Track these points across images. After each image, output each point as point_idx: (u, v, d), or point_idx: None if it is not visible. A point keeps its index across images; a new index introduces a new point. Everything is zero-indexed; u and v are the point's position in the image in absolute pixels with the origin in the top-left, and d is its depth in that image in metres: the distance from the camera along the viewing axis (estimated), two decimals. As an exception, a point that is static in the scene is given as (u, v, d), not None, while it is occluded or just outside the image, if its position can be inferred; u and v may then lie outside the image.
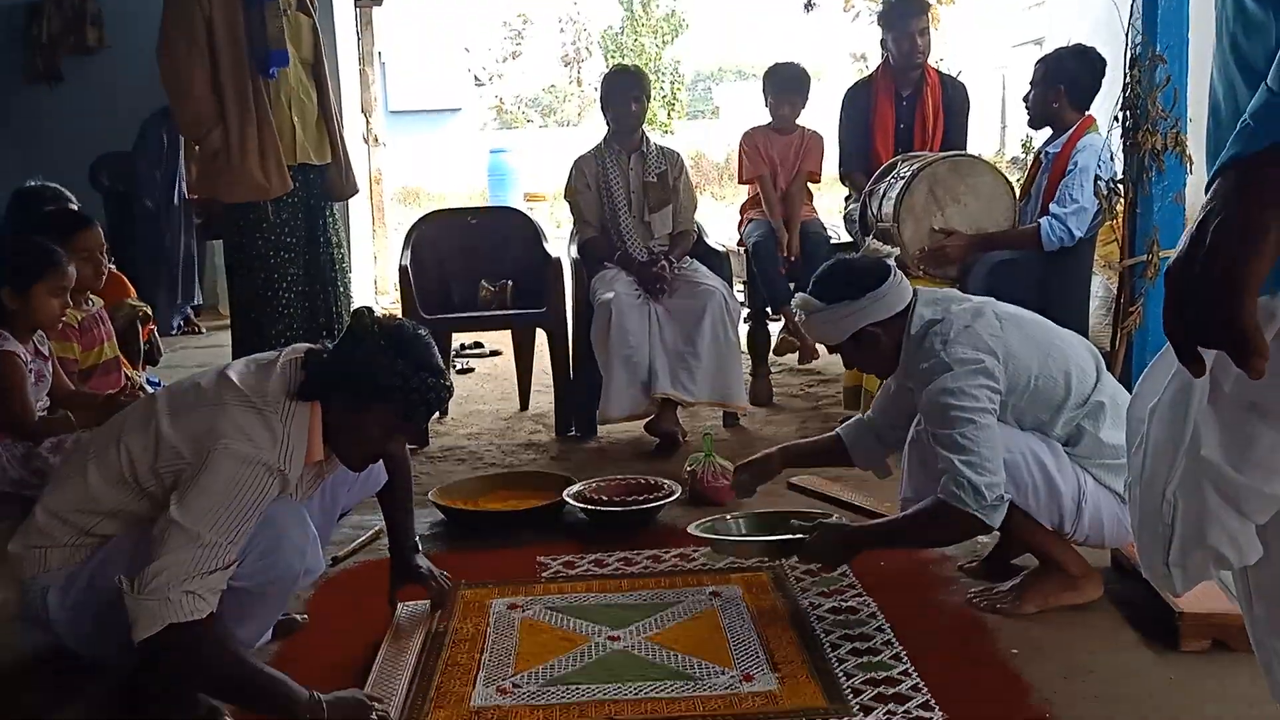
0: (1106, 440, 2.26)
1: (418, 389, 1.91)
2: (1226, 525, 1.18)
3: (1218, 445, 1.16)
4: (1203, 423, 1.18)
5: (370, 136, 7.26)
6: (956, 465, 2.14)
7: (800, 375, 4.78)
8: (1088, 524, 2.27)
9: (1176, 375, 1.20)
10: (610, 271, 3.92)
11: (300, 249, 3.40)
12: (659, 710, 1.95)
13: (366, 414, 1.94)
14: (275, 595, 1.96)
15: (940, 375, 2.20)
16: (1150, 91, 3.15)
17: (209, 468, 1.80)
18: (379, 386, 1.90)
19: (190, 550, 1.74)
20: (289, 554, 1.91)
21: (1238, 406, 1.16)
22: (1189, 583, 1.24)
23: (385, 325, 1.94)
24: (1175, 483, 1.20)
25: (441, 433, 4.13)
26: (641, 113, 4.03)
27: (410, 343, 1.93)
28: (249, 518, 1.81)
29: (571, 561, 2.72)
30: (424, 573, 2.36)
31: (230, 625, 1.85)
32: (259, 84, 3.27)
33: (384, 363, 1.89)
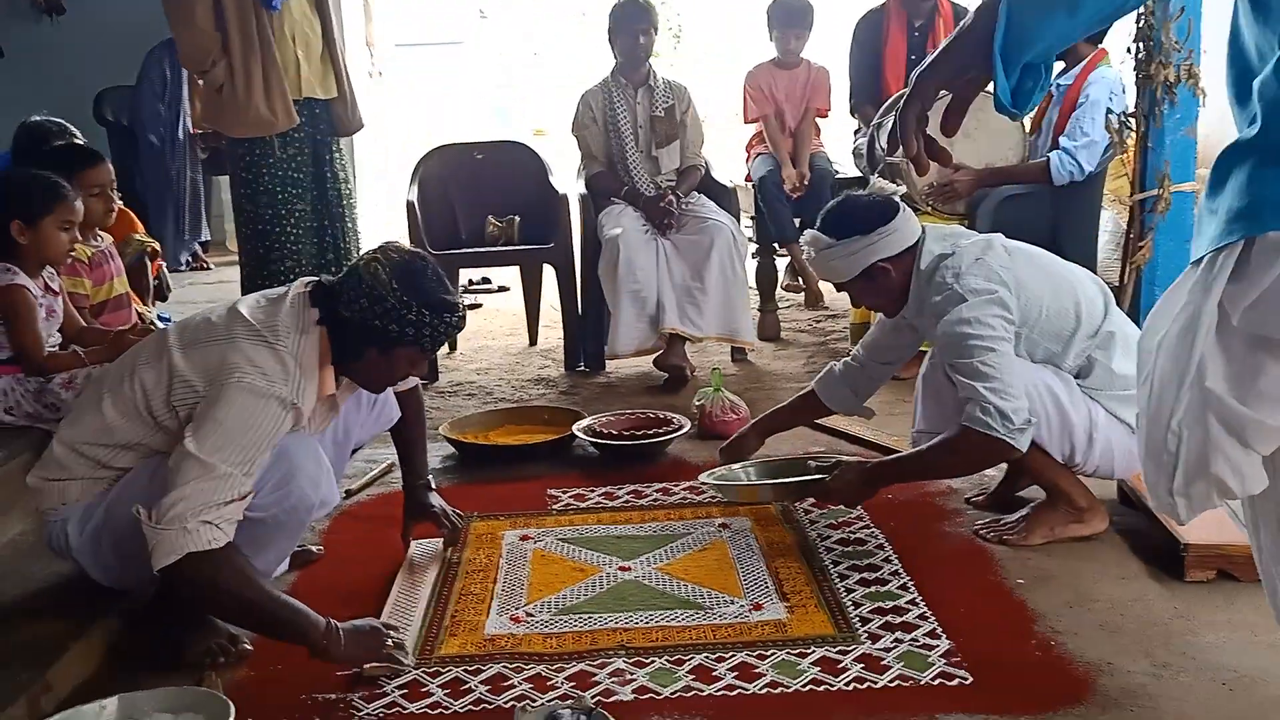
0: (1118, 371, 2.27)
1: (439, 327, 1.94)
2: (1230, 456, 1.20)
3: (1223, 377, 1.18)
4: (1209, 354, 1.19)
5: (375, 70, 7.17)
6: (981, 391, 2.13)
7: (807, 311, 4.78)
8: (1099, 455, 2.28)
9: (1185, 308, 1.20)
10: (618, 207, 3.90)
11: (307, 184, 3.39)
12: (670, 638, 1.99)
13: (389, 356, 1.96)
14: (291, 526, 1.99)
15: (955, 306, 2.20)
16: (1164, 23, 3.10)
17: (223, 400, 1.82)
18: (403, 334, 1.91)
19: (206, 481, 1.76)
20: (303, 485, 1.94)
21: (1245, 339, 1.17)
22: (1193, 511, 1.26)
23: (398, 271, 1.91)
24: (1180, 414, 1.21)
25: (451, 368, 4.15)
26: (650, 45, 3.97)
27: (425, 283, 1.92)
28: (263, 450, 1.83)
29: (582, 494, 2.75)
30: (436, 511, 2.39)
31: (248, 555, 1.88)
32: (262, 17, 3.22)
33: (406, 315, 1.89)
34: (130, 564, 1.91)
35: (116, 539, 1.93)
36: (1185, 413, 1.20)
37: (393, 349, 1.95)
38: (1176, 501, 1.25)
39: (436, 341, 1.97)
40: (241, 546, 1.84)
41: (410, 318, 1.90)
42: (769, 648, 1.94)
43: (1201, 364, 1.19)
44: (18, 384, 2.52)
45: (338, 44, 3.48)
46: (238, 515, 1.80)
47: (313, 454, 1.98)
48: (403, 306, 1.89)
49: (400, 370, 2.04)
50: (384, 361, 1.98)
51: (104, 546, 1.97)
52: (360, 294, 1.91)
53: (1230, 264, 1.15)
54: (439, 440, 3.09)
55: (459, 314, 1.98)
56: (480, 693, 1.84)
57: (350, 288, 1.93)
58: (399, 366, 2.01)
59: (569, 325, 4.03)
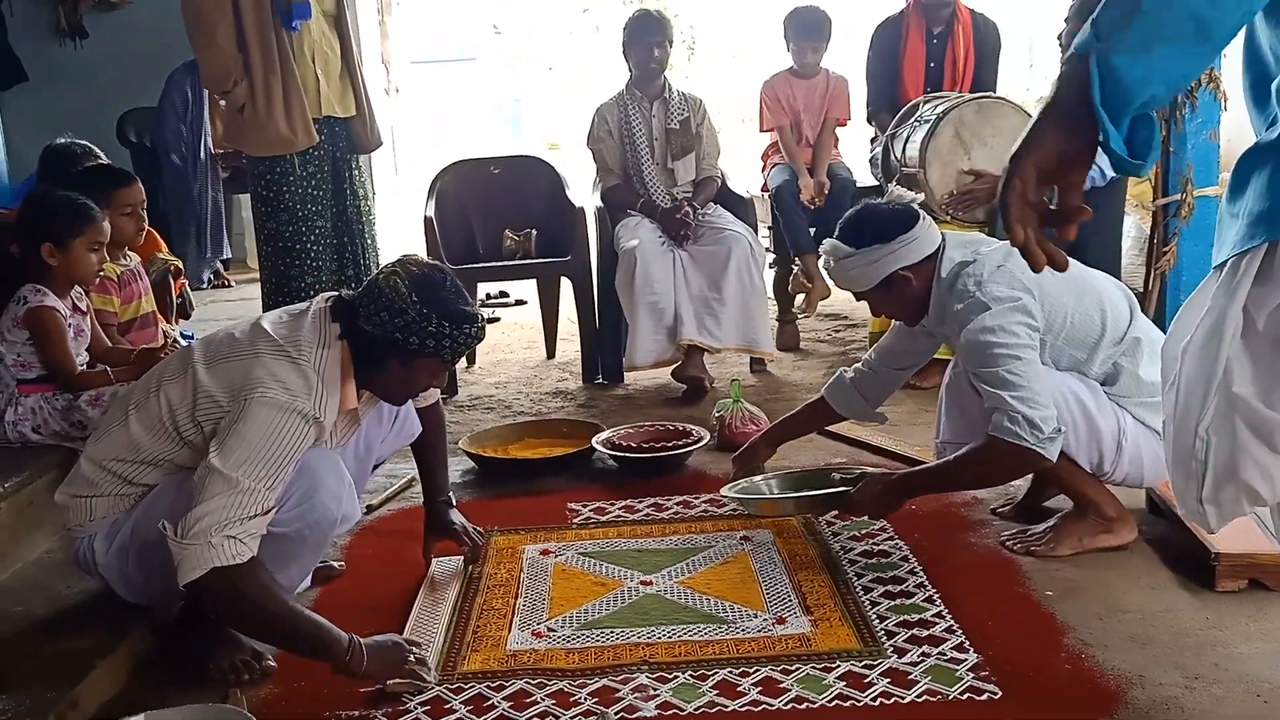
0: (1145, 378, 2.24)
1: (461, 340, 1.95)
2: (1259, 460, 1.18)
3: (1250, 380, 1.16)
4: (1235, 358, 1.18)
5: (391, 87, 7.22)
6: (1008, 401, 2.11)
7: (827, 320, 4.76)
8: (1128, 463, 2.26)
9: (1209, 312, 1.19)
10: (634, 219, 3.91)
11: (327, 201, 3.41)
12: (693, 653, 1.98)
13: (409, 368, 1.98)
14: (313, 541, 1.99)
15: (979, 314, 2.18)
16: (1187, 25, 3.07)
17: (246, 415, 1.83)
18: (423, 346, 1.93)
19: (230, 496, 1.77)
20: (326, 500, 1.94)
21: (1271, 342, 1.15)
22: (1223, 519, 1.25)
23: (418, 285, 1.93)
24: (1208, 420, 1.20)
25: (470, 382, 4.15)
26: (664, 58, 3.98)
27: (445, 297, 1.94)
28: (286, 464, 1.84)
29: (602, 508, 2.74)
30: (457, 528, 2.39)
31: (272, 571, 1.89)
32: (282, 37, 3.25)
33: (426, 327, 1.91)
34: (156, 579, 1.92)
35: (142, 555, 1.94)
36: (1213, 418, 1.19)
37: (413, 360, 1.96)
38: (1206, 509, 1.24)
39: (456, 352, 1.98)
40: (265, 562, 1.84)
41: (430, 329, 1.91)
42: (794, 662, 1.92)
43: (1228, 369, 1.18)
44: (45, 402, 2.54)
45: (356, 63, 3.50)
46: (261, 530, 1.81)
47: (335, 469, 1.98)
48: (422, 319, 1.90)
49: (421, 382, 2.04)
50: (405, 373, 1.99)
51: (130, 562, 1.98)
52: (380, 307, 1.92)
53: (1254, 268, 1.14)
54: (458, 455, 3.09)
55: (478, 325, 1.99)
56: (503, 709, 1.83)
57: (370, 301, 1.94)
58: (420, 378, 2.02)
59: (587, 338, 4.04)
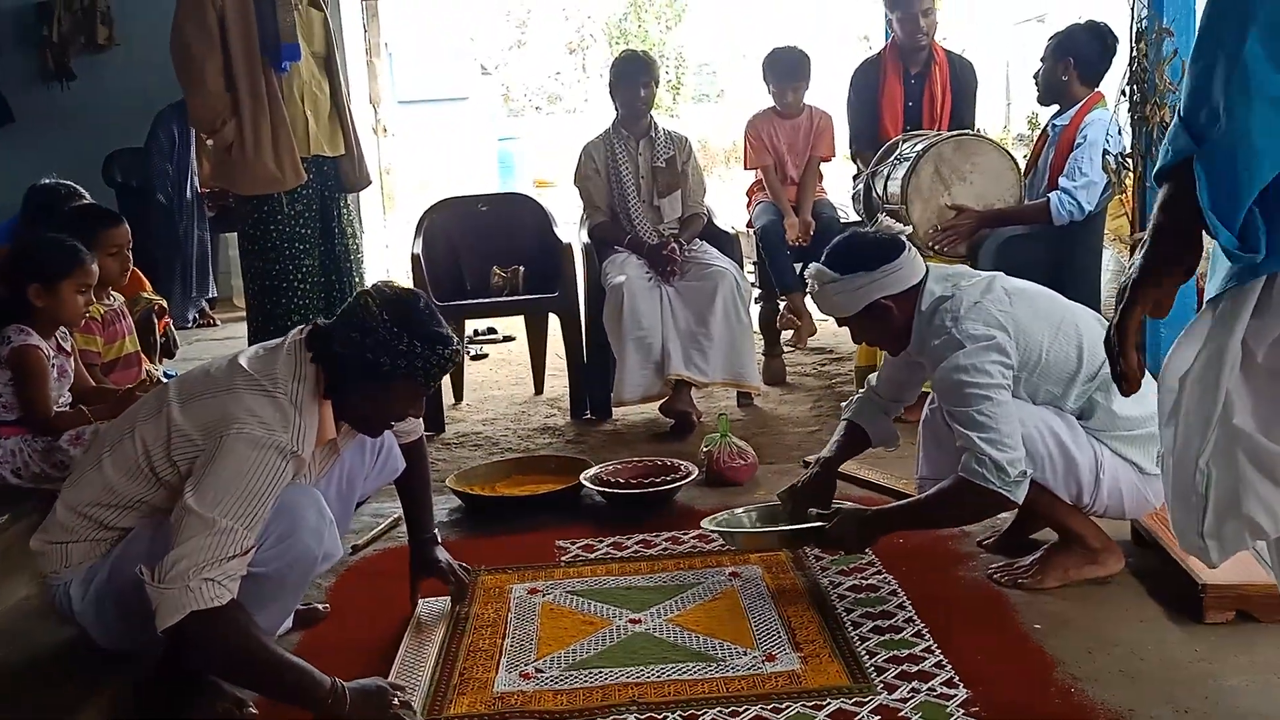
0: (1120, 412, 2.25)
1: (433, 360, 1.93)
2: (1261, 494, 1.18)
3: (1250, 413, 1.16)
4: (1234, 391, 1.18)
5: (379, 127, 7.26)
6: (976, 442, 2.13)
7: (813, 354, 4.77)
8: (1106, 495, 2.26)
9: (1207, 345, 1.19)
10: (621, 255, 3.93)
11: (315, 240, 3.42)
12: (682, 692, 1.96)
13: (385, 391, 1.96)
14: (294, 580, 1.96)
15: (953, 352, 2.20)
16: (1157, 65, 3.13)
17: (222, 453, 1.81)
18: (395, 368, 1.91)
19: (207, 537, 1.74)
20: (306, 538, 1.91)
21: (1270, 374, 1.15)
22: (1224, 553, 1.24)
23: (390, 304, 1.93)
24: (1208, 453, 1.20)
25: (457, 419, 4.14)
26: (651, 97, 4.02)
27: (416, 317, 1.93)
28: (264, 502, 1.81)
29: (590, 545, 2.73)
30: (443, 566, 2.36)
31: (252, 612, 1.86)
32: (271, 77, 3.28)
33: (398, 346, 1.90)
34: (133, 625, 1.89)
35: (119, 600, 1.91)
36: (1213, 451, 1.19)
37: (386, 384, 1.93)
38: (1208, 544, 1.23)
39: (430, 375, 1.95)
40: (245, 603, 1.82)
41: (402, 349, 1.90)
42: (784, 700, 1.90)
43: (1228, 402, 1.18)
44: (25, 444, 2.52)
45: (345, 103, 3.53)
46: (241, 571, 1.78)
47: (315, 506, 1.96)
48: (393, 338, 1.89)
49: (396, 408, 2.01)
50: (379, 398, 1.97)
51: (107, 608, 1.95)
52: (353, 328, 1.91)
53: (1252, 301, 1.15)
54: (445, 493, 3.08)
55: (452, 348, 1.96)
56: (491, 751, 1.81)
57: (343, 323, 1.94)
58: (394, 404, 1.99)
59: (574, 374, 4.04)
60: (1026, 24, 10.34)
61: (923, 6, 4.15)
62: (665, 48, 20.84)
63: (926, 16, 4.16)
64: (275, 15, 3.24)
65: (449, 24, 19.94)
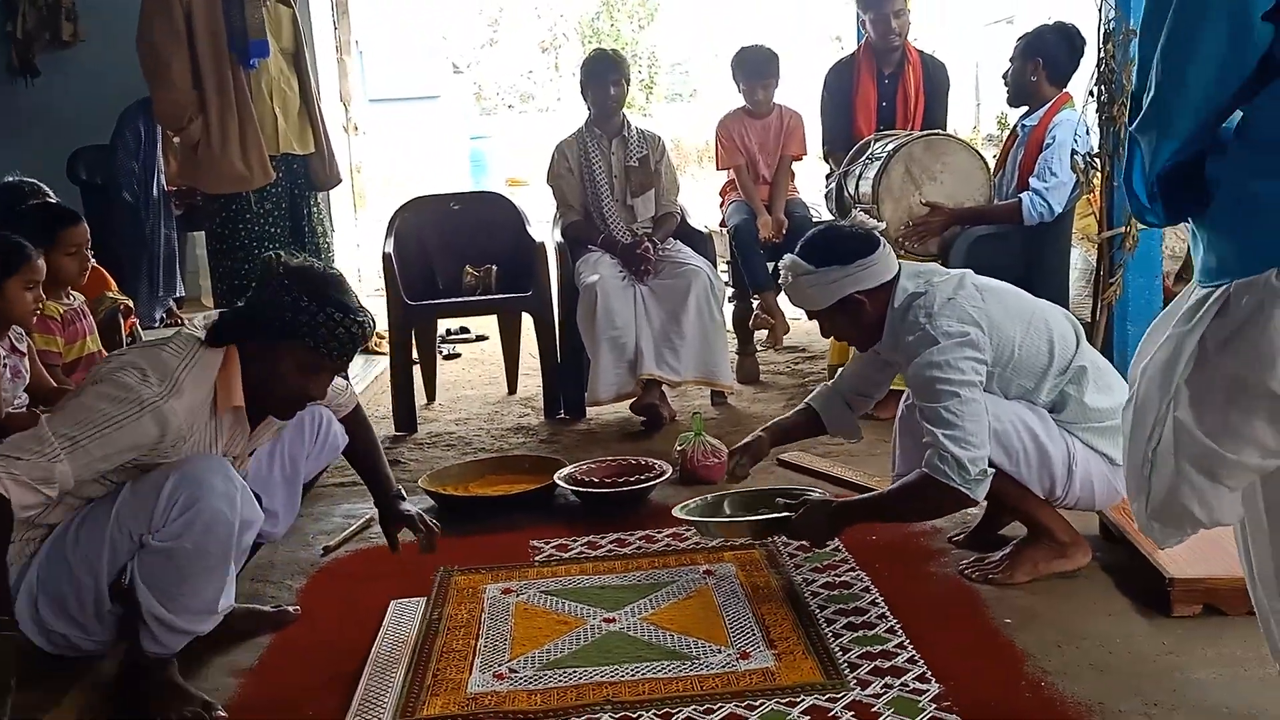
0: (1091, 404, 2.28)
1: (324, 323, 1.90)
2: (1196, 485, 1.23)
3: (1190, 408, 1.21)
4: (1184, 385, 1.21)
5: (350, 125, 7.21)
6: (940, 439, 2.14)
7: (786, 353, 4.79)
8: (1079, 487, 2.29)
9: (1169, 339, 1.23)
10: (595, 254, 3.92)
11: (284, 239, 3.38)
12: (657, 690, 1.96)
13: (277, 352, 1.93)
14: (214, 550, 1.89)
15: (927, 348, 2.21)
16: (1124, 66, 3.17)
17: (88, 387, 1.84)
18: (285, 323, 1.90)
19: (25, 438, 1.76)
20: (215, 503, 1.86)
21: (1221, 376, 1.18)
22: (1166, 537, 1.30)
23: (291, 267, 1.94)
24: (1157, 441, 1.24)
25: (430, 419, 4.12)
26: (622, 96, 4.01)
27: (316, 280, 1.93)
28: (98, 437, 1.77)
29: (564, 544, 2.72)
30: (412, 516, 2.34)
31: (181, 592, 1.86)
32: (239, 74, 3.24)
33: (288, 300, 1.89)
34: (73, 625, 1.89)
35: (52, 597, 1.89)
36: (1161, 441, 1.23)
37: (279, 343, 1.91)
38: (1153, 525, 1.28)
39: (323, 342, 1.91)
40: (170, 584, 1.83)
41: (287, 301, 1.89)
42: (758, 698, 1.91)
43: (1177, 394, 1.21)
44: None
45: (315, 100, 3.50)
46: (34, 484, 1.73)
47: (221, 472, 1.91)
48: (285, 292, 1.90)
49: (292, 376, 1.95)
50: (274, 360, 1.93)
51: (41, 609, 1.90)
52: (258, 288, 1.94)
53: (1218, 305, 1.18)
54: (418, 493, 3.06)
55: (354, 318, 1.93)
56: (464, 752, 1.80)
57: (255, 288, 1.96)
58: (290, 370, 1.94)
59: (548, 373, 4.02)
60: (996, 25, 10.43)
61: (895, 7, 4.18)
62: (638, 47, 20.85)
63: (898, 17, 4.19)
64: (243, 11, 3.20)
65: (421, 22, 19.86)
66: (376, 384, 4.57)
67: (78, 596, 1.74)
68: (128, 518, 1.86)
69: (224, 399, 1.93)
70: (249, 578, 2.58)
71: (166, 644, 1.91)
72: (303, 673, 2.09)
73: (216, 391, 1.92)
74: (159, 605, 1.86)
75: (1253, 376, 1.15)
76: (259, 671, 2.14)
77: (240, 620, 2.24)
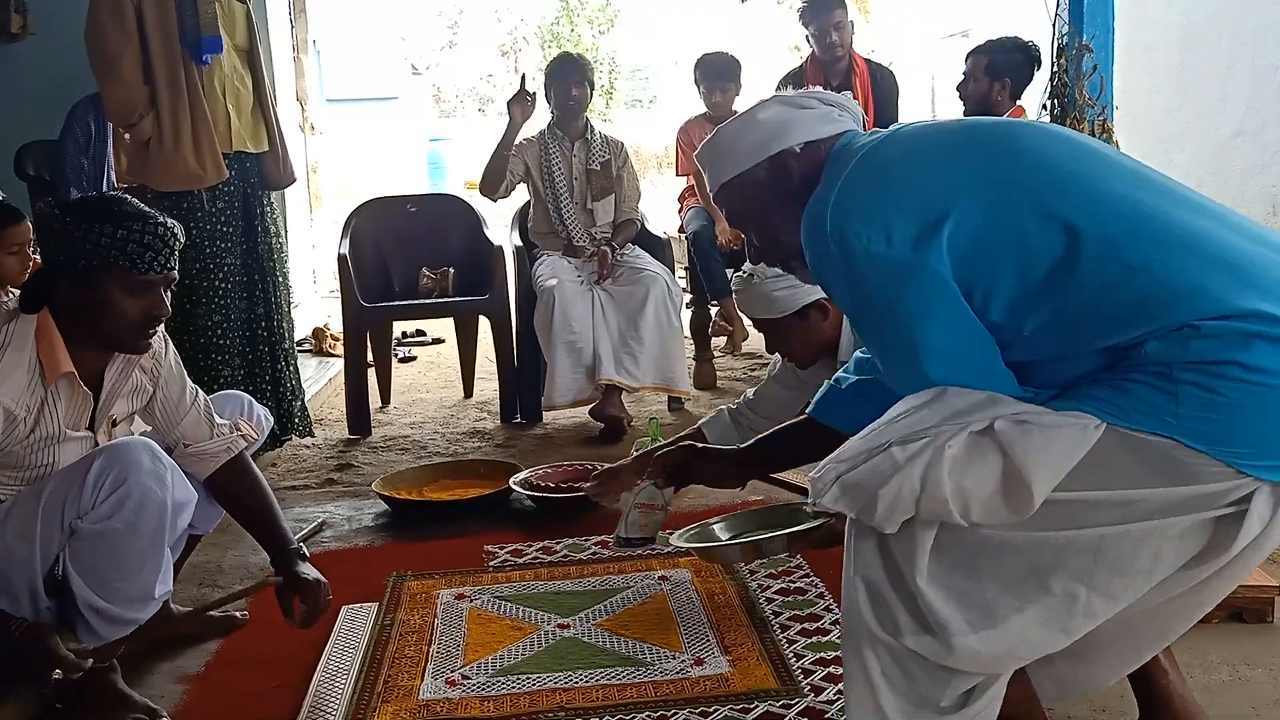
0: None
1: (126, 237, 1.81)
2: (904, 492, 1.33)
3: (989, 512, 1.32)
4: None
5: (306, 124, 7.13)
6: None
7: (743, 359, 4.81)
8: None
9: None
10: (553, 257, 3.92)
11: (237, 239, 3.33)
12: (610, 697, 1.95)
13: (98, 290, 1.83)
14: (148, 530, 1.83)
15: None
16: (1077, 80, 3.23)
17: None
18: (88, 255, 1.80)
19: None
20: (144, 480, 1.80)
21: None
22: (833, 500, 1.41)
23: (67, 205, 1.86)
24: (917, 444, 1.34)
25: (384, 422, 4.08)
26: (584, 97, 4.02)
27: (98, 204, 1.85)
28: None
29: (519, 550, 2.70)
30: (310, 582, 2.04)
31: (118, 576, 1.80)
32: (191, 71, 3.18)
33: (79, 234, 1.80)
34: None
35: None
36: (915, 446, 1.32)
37: (94, 283, 1.82)
38: (832, 487, 1.40)
39: (132, 256, 1.81)
40: (104, 569, 1.77)
41: (79, 234, 1.79)
42: (711, 704, 1.91)
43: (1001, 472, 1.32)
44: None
45: (269, 98, 3.45)
46: None
47: (148, 451, 1.85)
48: (73, 228, 1.80)
49: (121, 306, 1.83)
50: (96, 301, 1.83)
51: None
52: (47, 247, 1.84)
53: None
54: (371, 497, 3.03)
55: (150, 221, 1.84)
56: (415, 760, 1.78)
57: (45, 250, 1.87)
58: (115, 302, 1.84)
59: (505, 377, 4.00)
60: (951, 39, 10.57)
61: (834, 20, 4.25)
62: (598, 52, 20.83)
63: (839, 30, 4.26)
64: (195, 6, 3.15)
65: (379, 22, 19.72)
66: (330, 386, 4.52)
67: (12, 596, 1.69)
68: (55, 506, 1.80)
69: (50, 368, 1.84)
70: (196, 582, 2.53)
71: (105, 636, 1.85)
72: (250, 679, 2.05)
73: (42, 363, 1.84)
74: (93, 594, 1.80)
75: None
76: (205, 678, 2.10)
77: (187, 623, 2.20)
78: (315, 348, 5.18)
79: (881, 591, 1.38)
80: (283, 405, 3.44)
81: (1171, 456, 1.25)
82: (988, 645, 1.32)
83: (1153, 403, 1.26)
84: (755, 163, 1.58)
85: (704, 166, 1.68)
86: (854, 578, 1.41)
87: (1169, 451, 1.25)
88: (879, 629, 1.37)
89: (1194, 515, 1.27)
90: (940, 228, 1.33)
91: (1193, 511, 1.27)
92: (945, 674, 1.35)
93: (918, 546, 1.33)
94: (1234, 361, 1.22)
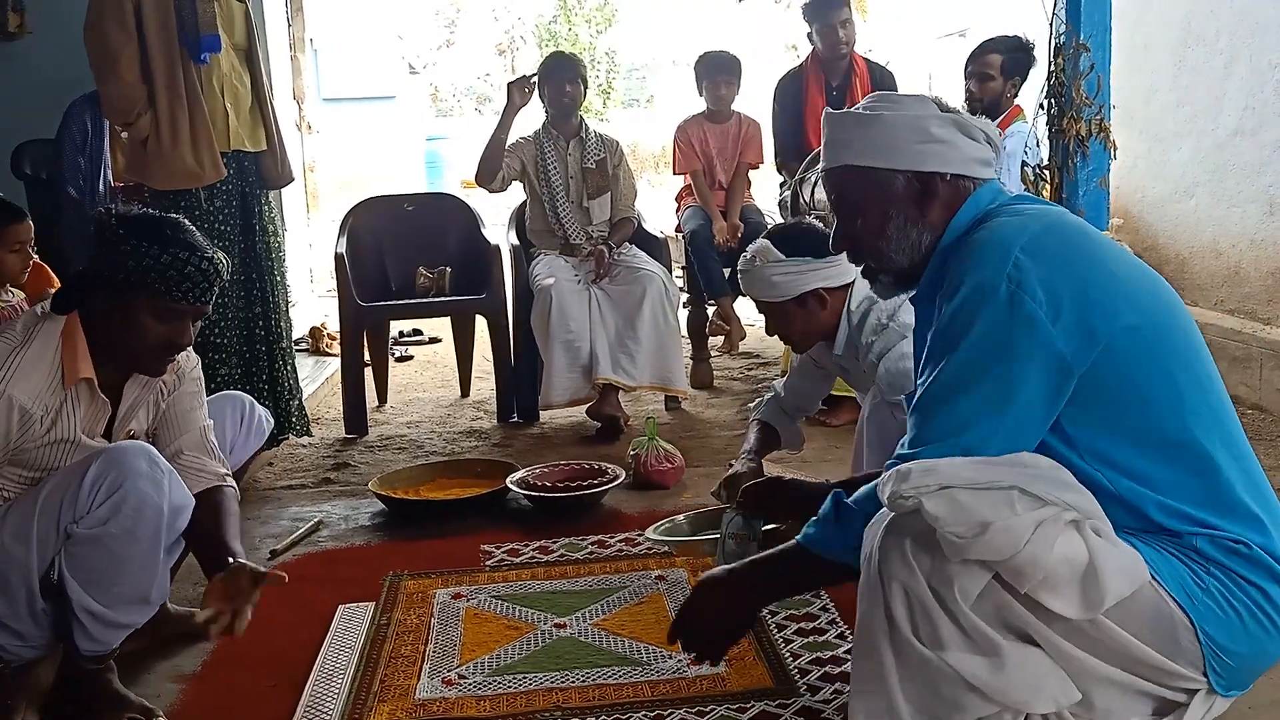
0: None
1: (170, 265, 1.82)
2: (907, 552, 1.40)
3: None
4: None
5: (303, 123, 7.12)
6: None
7: (740, 359, 4.81)
8: None
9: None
10: (549, 256, 3.92)
11: (235, 237, 3.33)
12: (607, 696, 1.95)
13: (131, 306, 1.84)
14: (145, 535, 1.83)
15: (897, 343, 2.24)
16: (1074, 79, 3.23)
17: None
18: (130, 273, 1.82)
19: None
20: (141, 485, 1.81)
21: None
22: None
23: (125, 216, 1.87)
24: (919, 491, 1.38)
25: (381, 421, 4.08)
26: (577, 95, 4.02)
27: (154, 225, 1.86)
28: None
29: (516, 549, 2.70)
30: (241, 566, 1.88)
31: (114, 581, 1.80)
32: (190, 70, 3.18)
33: (128, 250, 1.82)
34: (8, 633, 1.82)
35: None
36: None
37: (128, 297, 1.83)
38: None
39: (171, 283, 1.82)
40: (100, 573, 1.77)
41: (128, 250, 1.81)
42: (708, 703, 1.91)
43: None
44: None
45: (267, 97, 3.45)
46: None
47: (145, 456, 1.85)
48: (123, 242, 1.82)
49: (148, 327, 1.86)
50: (124, 315, 1.85)
51: None
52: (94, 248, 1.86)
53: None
54: (368, 496, 3.03)
55: (200, 255, 1.85)
56: (411, 759, 1.78)
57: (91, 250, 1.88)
58: (144, 322, 1.85)
59: (502, 376, 4.00)
60: (949, 38, 10.58)
61: (840, 18, 4.24)
62: (595, 51, 20.84)
63: (845, 28, 4.25)
64: (194, 5, 3.15)
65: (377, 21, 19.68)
66: (327, 385, 4.52)
67: (9, 599, 1.68)
68: (51, 509, 1.80)
69: (70, 371, 1.84)
70: (192, 582, 2.53)
71: (102, 639, 1.85)
72: (247, 679, 2.05)
73: (64, 365, 1.84)
74: (89, 598, 1.80)
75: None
76: (202, 677, 2.10)
77: (183, 624, 2.20)
78: (312, 347, 5.17)
79: (923, 601, 1.36)
80: (280, 404, 3.44)
81: (1175, 630, 1.38)
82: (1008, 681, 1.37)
83: (1184, 581, 1.39)
84: (902, 168, 1.54)
85: (835, 131, 1.60)
86: (891, 581, 1.38)
87: (1176, 624, 1.38)
88: (913, 637, 1.36)
89: (1150, 685, 1.40)
90: (1098, 340, 1.41)
91: (1152, 681, 1.40)
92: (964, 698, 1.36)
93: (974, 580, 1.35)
94: (1262, 588, 1.40)
